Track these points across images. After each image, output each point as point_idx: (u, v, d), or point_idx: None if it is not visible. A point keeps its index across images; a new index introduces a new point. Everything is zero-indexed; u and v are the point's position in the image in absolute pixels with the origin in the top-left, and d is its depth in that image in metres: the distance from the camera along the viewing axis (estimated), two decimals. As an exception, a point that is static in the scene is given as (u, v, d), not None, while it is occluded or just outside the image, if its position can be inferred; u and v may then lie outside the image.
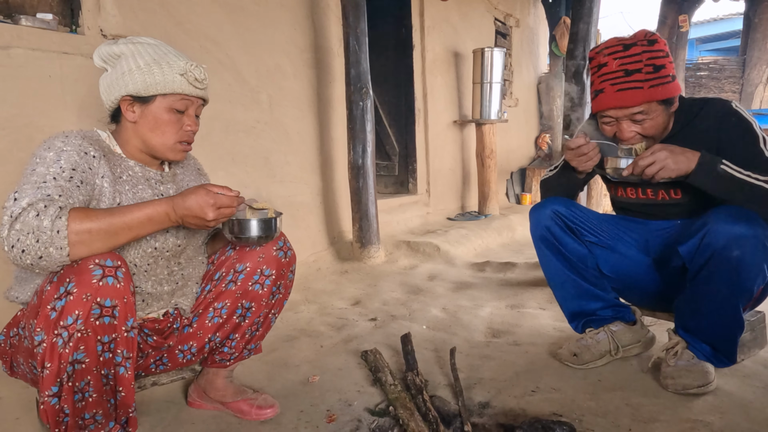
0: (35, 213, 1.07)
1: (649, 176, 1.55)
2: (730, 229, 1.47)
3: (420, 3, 4.92)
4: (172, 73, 1.33)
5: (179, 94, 1.34)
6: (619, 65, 1.61)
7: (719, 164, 1.52)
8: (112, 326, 1.14)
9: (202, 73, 1.38)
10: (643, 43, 1.60)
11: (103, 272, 1.11)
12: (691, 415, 1.51)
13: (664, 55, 1.61)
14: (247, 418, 1.57)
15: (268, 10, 3.31)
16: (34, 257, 1.07)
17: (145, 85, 1.31)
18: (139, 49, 1.34)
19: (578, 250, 1.85)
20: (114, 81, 1.34)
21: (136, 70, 1.31)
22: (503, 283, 3.10)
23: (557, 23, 6.66)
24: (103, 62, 1.37)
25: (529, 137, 7.14)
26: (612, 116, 1.66)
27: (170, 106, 1.34)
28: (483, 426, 1.50)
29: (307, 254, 3.49)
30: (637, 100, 1.59)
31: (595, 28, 3.58)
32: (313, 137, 3.70)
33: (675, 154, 1.53)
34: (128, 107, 1.34)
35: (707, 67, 8.43)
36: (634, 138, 1.66)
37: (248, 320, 1.52)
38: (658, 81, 1.59)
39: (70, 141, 1.24)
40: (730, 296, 1.55)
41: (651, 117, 1.62)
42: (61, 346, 1.09)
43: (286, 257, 1.52)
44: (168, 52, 1.36)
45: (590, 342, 1.86)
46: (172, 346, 1.47)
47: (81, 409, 1.17)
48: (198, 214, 1.22)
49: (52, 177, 1.17)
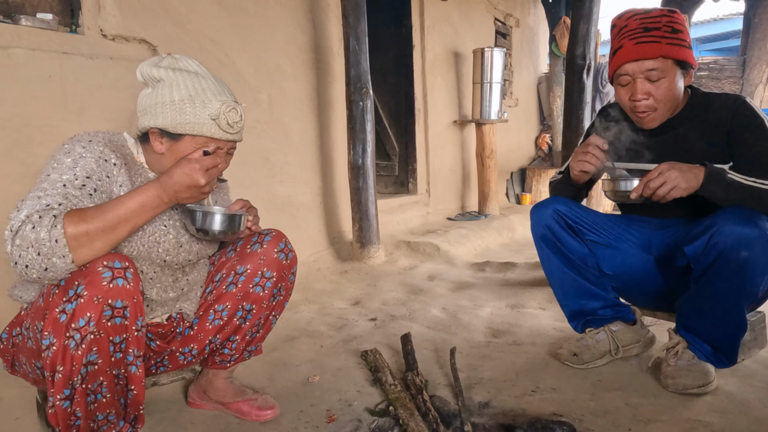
0: (31, 225, 1.07)
1: (660, 197, 1.54)
2: (739, 230, 1.47)
3: (420, 3, 4.92)
4: (204, 115, 1.28)
5: (208, 137, 1.30)
6: (639, 24, 1.65)
7: (726, 174, 1.52)
8: (123, 326, 1.14)
9: (238, 115, 1.32)
10: (663, 11, 1.66)
11: (112, 274, 1.11)
12: (691, 415, 1.51)
13: (682, 24, 1.65)
14: (247, 419, 1.57)
15: (268, 10, 3.31)
16: (40, 270, 1.07)
17: (175, 123, 1.28)
18: (178, 78, 1.29)
19: (579, 249, 1.85)
20: (148, 108, 1.30)
21: (170, 105, 1.27)
22: (503, 283, 3.10)
23: (557, 23, 6.65)
24: (144, 81, 1.33)
25: (529, 137, 7.14)
26: (629, 73, 1.66)
27: (198, 147, 1.30)
28: (483, 426, 1.49)
29: (307, 254, 3.48)
30: (654, 53, 1.60)
31: (595, 28, 3.57)
32: (313, 137, 3.70)
33: (683, 171, 1.52)
34: (156, 138, 1.31)
35: (707, 67, 8.42)
36: (648, 101, 1.66)
37: (249, 322, 1.52)
38: (676, 41, 1.62)
39: (92, 147, 1.23)
40: (736, 297, 1.55)
41: (666, 77, 1.63)
42: (74, 348, 1.09)
43: (287, 259, 1.51)
44: (207, 89, 1.30)
45: (590, 342, 1.86)
46: (174, 350, 1.47)
47: (93, 411, 1.17)
48: (189, 183, 1.21)
49: (62, 184, 1.16)
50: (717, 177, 1.52)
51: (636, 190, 1.58)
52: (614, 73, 1.71)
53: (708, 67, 8.34)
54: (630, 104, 1.70)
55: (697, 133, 1.69)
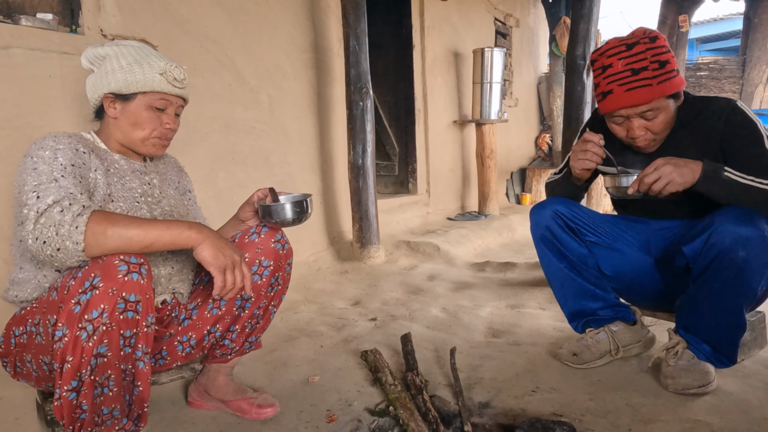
0: (60, 209, 1.13)
1: (656, 192, 1.53)
2: (737, 229, 1.47)
3: (420, 3, 4.92)
4: (152, 72, 1.39)
5: (159, 92, 1.41)
6: (625, 65, 1.60)
7: (723, 171, 1.52)
8: (135, 321, 1.16)
9: (182, 74, 1.45)
10: (645, 41, 1.60)
11: (128, 268, 1.14)
12: (691, 415, 1.51)
13: (666, 50, 1.61)
14: (247, 416, 1.57)
15: (268, 10, 3.31)
16: (53, 249, 1.12)
17: (126, 84, 1.38)
18: (122, 50, 1.41)
19: (578, 249, 1.85)
20: (98, 80, 1.40)
21: (119, 70, 1.38)
22: (503, 283, 3.10)
23: (557, 23, 6.65)
24: (90, 64, 1.43)
25: (529, 137, 7.14)
26: (623, 115, 1.65)
27: (149, 104, 1.40)
28: (483, 426, 1.50)
29: (307, 254, 3.49)
30: (648, 98, 1.58)
31: (595, 28, 3.57)
32: (313, 137, 3.70)
33: (679, 166, 1.52)
34: (110, 104, 1.40)
35: (707, 67, 8.42)
36: (646, 135, 1.66)
37: (248, 311, 1.53)
38: (665, 76, 1.59)
39: (61, 139, 1.29)
40: (734, 297, 1.55)
41: (661, 112, 1.62)
42: (85, 339, 1.11)
43: (284, 249, 1.54)
44: (150, 54, 1.42)
45: (590, 342, 1.86)
46: (172, 335, 1.48)
47: (99, 405, 1.18)
48: (227, 255, 1.24)
49: (60, 175, 1.21)
50: (714, 173, 1.52)
51: (632, 186, 1.57)
52: (606, 113, 1.69)
53: (708, 67, 8.34)
54: (628, 139, 1.70)
55: (689, 140, 1.69)
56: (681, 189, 1.53)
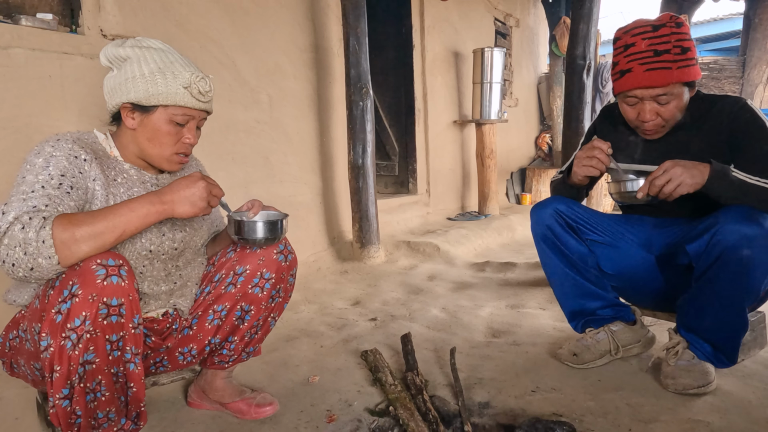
0: (21, 226, 1.07)
1: (666, 195, 1.53)
2: (741, 228, 1.47)
3: (420, 3, 4.92)
4: (176, 84, 1.29)
5: (181, 107, 1.32)
6: (648, 45, 1.60)
7: (730, 172, 1.52)
8: (119, 324, 1.14)
9: (207, 85, 1.34)
10: (671, 25, 1.61)
11: (106, 272, 1.11)
12: (691, 415, 1.51)
13: (689, 38, 1.62)
14: (246, 417, 1.57)
15: (268, 10, 3.31)
16: (26, 269, 1.08)
17: (147, 95, 1.29)
18: (145, 54, 1.31)
19: (579, 248, 1.85)
20: (117, 86, 1.31)
21: (140, 78, 1.28)
22: (503, 283, 3.10)
23: (557, 23, 6.65)
24: (109, 63, 1.34)
25: (529, 137, 7.14)
26: (638, 96, 1.65)
27: (170, 119, 1.32)
28: (483, 426, 1.49)
29: (307, 254, 3.48)
30: (666, 80, 1.58)
31: (595, 28, 3.57)
32: (313, 137, 3.70)
33: (688, 168, 1.52)
34: (128, 114, 1.32)
35: (707, 67, 8.41)
36: (655, 120, 1.66)
37: (247, 323, 1.52)
38: (686, 63, 1.59)
39: (61, 145, 1.23)
40: (738, 295, 1.55)
41: (674, 99, 1.62)
42: (71, 348, 1.09)
43: (287, 261, 1.51)
44: (174, 61, 1.32)
45: (590, 342, 1.86)
46: (171, 347, 1.47)
47: (93, 409, 1.17)
48: (190, 193, 1.22)
49: (41, 186, 1.16)
50: (722, 174, 1.52)
51: (642, 190, 1.57)
52: (621, 92, 1.69)
53: (708, 67, 8.33)
54: (637, 122, 1.70)
55: (698, 137, 1.69)
56: (692, 191, 1.52)
